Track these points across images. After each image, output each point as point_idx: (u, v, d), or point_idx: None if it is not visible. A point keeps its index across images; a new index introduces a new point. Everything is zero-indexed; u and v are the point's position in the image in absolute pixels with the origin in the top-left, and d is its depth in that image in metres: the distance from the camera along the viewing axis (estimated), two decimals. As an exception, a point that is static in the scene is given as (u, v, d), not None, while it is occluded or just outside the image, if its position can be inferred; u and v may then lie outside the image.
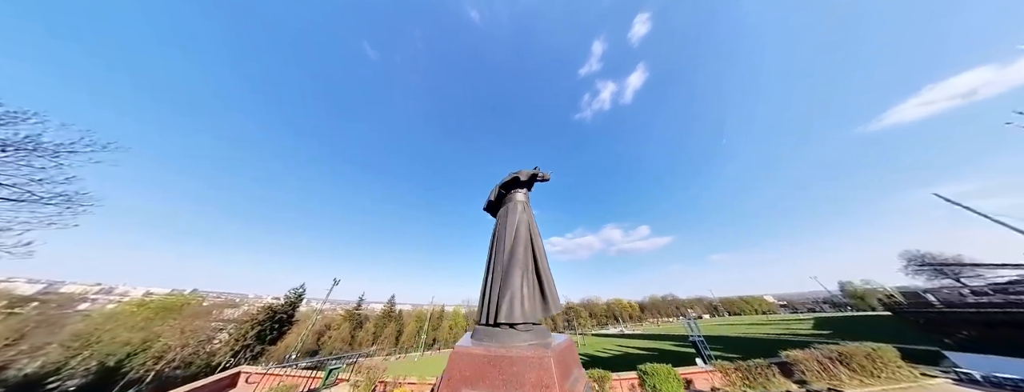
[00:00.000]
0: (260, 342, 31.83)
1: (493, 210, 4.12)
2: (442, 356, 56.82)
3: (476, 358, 2.59)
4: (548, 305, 3.09)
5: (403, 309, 72.93)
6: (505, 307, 2.82)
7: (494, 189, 4.01)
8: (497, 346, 2.66)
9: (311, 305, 75.65)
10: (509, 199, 3.81)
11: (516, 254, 3.14)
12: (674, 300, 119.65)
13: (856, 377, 9.38)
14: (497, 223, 3.74)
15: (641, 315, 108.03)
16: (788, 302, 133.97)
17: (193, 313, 29.77)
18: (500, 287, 3.01)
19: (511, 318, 2.78)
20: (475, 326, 3.09)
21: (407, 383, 12.00)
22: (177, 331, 26.89)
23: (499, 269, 3.17)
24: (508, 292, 2.90)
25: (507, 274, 3.03)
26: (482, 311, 3.10)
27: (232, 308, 37.38)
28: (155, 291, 66.77)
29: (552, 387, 2.28)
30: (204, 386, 10.28)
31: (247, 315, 34.45)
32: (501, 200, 3.96)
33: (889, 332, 23.94)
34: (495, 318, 2.85)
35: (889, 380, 9.24)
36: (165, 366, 25.93)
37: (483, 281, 3.36)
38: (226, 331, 32.43)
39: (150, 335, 25.30)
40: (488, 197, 4.07)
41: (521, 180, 3.78)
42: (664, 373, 9.68)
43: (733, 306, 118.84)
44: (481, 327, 2.98)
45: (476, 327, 3.05)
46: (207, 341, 30.46)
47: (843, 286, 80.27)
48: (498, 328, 2.84)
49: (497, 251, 3.35)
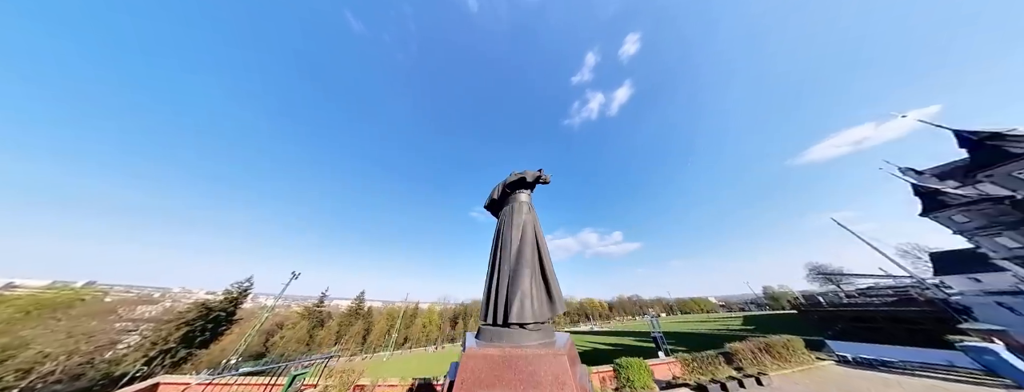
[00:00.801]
0: (187, 345, 25.74)
1: (494, 208, 4.12)
2: (414, 356, 53.62)
3: (491, 360, 2.56)
4: (554, 305, 3.08)
5: (373, 306, 67.86)
6: (516, 307, 2.83)
7: (497, 187, 4.07)
8: (511, 346, 2.66)
9: (260, 301, 66.41)
10: (513, 199, 3.80)
11: (524, 254, 3.18)
12: (639, 300, 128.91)
13: (776, 362, 12.01)
14: (501, 222, 3.73)
15: (610, 313, 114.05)
16: (726, 303, 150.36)
17: (88, 312, 23.07)
18: (509, 287, 3.01)
19: (522, 318, 2.80)
20: (482, 326, 3.06)
21: (386, 385, 10.83)
22: (61, 335, 20.38)
23: (506, 269, 3.17)
24: (519, 292, 2.90)
25: (516, 274, 3.05)
26: (489, 311, 3.05)
27: (149, 305, 30.32)
28: (25, 283, 52.25)
29: (568, 383, 2.37)
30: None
31: (172, 313, 27.93)
32: (504, 199, 3.96)
33: (795, 326, 28.59)
34: (506, 318, 2.86)
35: (797, 364, 12.06)
36: (38, 381, 19.43)
37: (489, 281, 3.31)
38: (139, 333, 25.83)
39: (14, 341, 18.68)
40: (491, 195, 4.11)
41: (527, 181, 3.81)
42: (636, 366, 10.76)
43: (685, 306, 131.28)
44: (489, 327, 2.96)
45: (483, 327, 3.02)
46: (108, 346, 23.81)
47: (765, 290, 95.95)
48: (508, 328, 2.85)
49: (503, 251, 3.35)
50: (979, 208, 23.53)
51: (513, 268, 3.08)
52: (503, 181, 3.97)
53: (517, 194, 3.81)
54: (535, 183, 3.86)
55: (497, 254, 3.38)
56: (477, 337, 2.97)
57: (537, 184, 3.90)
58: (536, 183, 3.86)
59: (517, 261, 3.11)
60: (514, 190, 3.86)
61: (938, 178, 27.31)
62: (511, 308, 2.81)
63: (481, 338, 2.91)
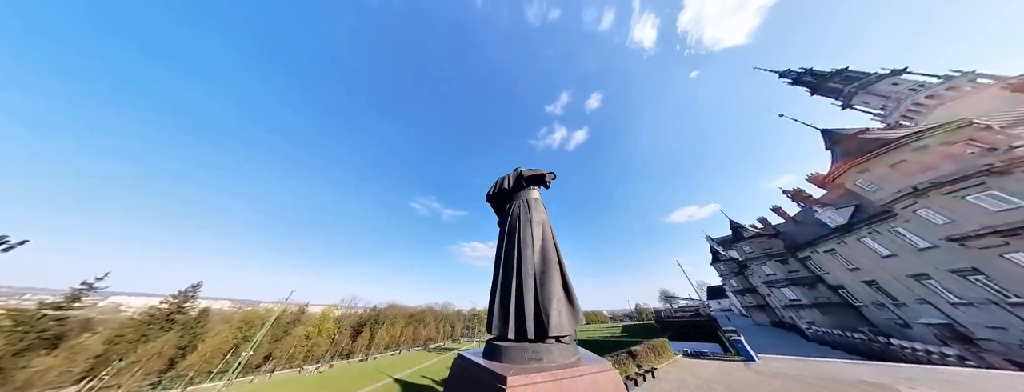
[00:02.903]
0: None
1: (497, 202, 3.70)
2: (274, 383, 38.39)
3: (544, 387, 1.98)
4: (577, 313, 2.63)
5: (217, 307, 47.56)
6: (554, 318, 2.41)
7: (507, 178, 3.58)
8: (559, 368, 2.15)
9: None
10: (527, 195, 3.37)
11: (549, 255, 2.80)
12: None
13: (657, 359, 17.24)
14: (515, 219, 3.13)
15: None
16: (614, 315, 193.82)
17: None
18: (541, 294, 2.54)
19: (561, 330, 2.39)
20: (500, 345, 2.41)
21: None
22: None
23: (531, 271, 2.67)
24: (553, 300, 2.50)
25: (546, 278, 2.63)
26: (510, 324, 2.47)
27: None
28: None
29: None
30: None
31: None
32: (513, 195, 3.44)
33: (654, 332, 39.31)
34: (544, 332, 2.38)
35: (667, 359, 17.79)
36: None
37: (505, 286, 2.69)
38: None
39: None
40: (498, 185, 3.63)
41: (546, 180, 3.47)
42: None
43: (590, 318, 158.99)
44: (516, 344, 2.38)
45: (506, 346, 2.38)
46: None
47: (636, 306, 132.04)
48: (545, 344, 2.36)
49: (522, 250, 2.80)
50: (727, 263, 44.89)
51: (540, 271, 2.67)
52: (514, 173, 3.57)
53: (530, 190, 3.45)
54: (548, 184, 3.57)
55: (515, 254, 2.81)
56: (490, 356, 2.41)
57: (544, 186, 3.61)
58: (547, 184, 3.57)
59: (544, 263, 2.73)
60: (528, 185, 3.47)
61: (718, 243, 47.82)
62: (549, 319, 2.38)
63: (505, 358, 2.31)
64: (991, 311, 15.66)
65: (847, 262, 25.39)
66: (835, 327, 26.47)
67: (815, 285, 30.37)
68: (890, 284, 21.77)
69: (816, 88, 40.88)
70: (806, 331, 28.89)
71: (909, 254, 19.16)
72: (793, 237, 33.09)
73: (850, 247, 24.30)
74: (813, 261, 30.18)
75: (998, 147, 15.12)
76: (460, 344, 71.90)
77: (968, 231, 14.98)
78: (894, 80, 34.05)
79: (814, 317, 29.14)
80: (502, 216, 3.46)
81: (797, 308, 31.07)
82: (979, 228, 14.62)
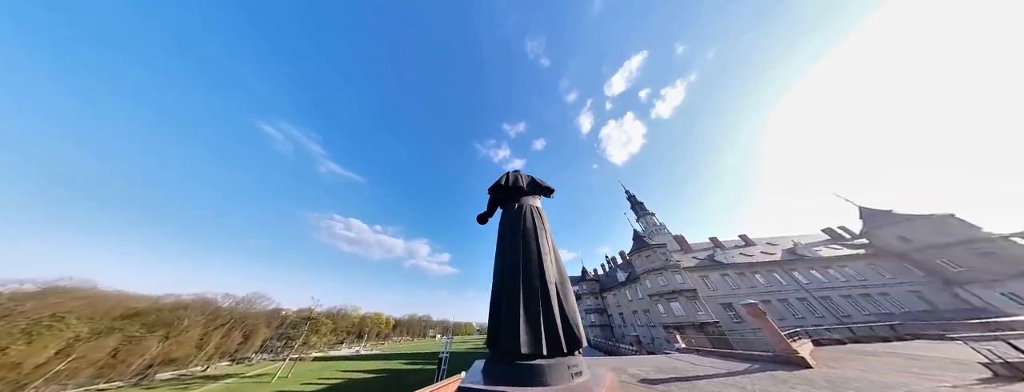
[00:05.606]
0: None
1: (498, 197, 3.39)
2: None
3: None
4: (580, 326, 2.42)
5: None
6: (577, 330, 2.22)
7: (519, 177, 3.36)
8: (583, 387, 1.89)
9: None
10: (534, 203, 3.16)
11: (562, 268, 2.62)
12: (428, 321, 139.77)
13: None
14: (527, 224, 2.84)
15: (390, 333, 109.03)
16: (481, 327, 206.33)
17: None
18: (564, 305, 2.31)
19: (582, 343, 2.23)
20: (547, 361, 2.03)
21: None
22: None
23: (553, 282, 2.39)
24: (577, 311, 2.36)
25: (566, 290, 2.45)
26: (537, 338, 2.11)
27: None
28: None
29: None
30: None
31: None
32: (516, 199, 3.18)
33: None
34: (577, 343, 2.18)
35: None
36: None
37: (531, 299, 2.29)
38: None
39: None
40: (504, 181, 3.32)
41: (550, 189, 3.40)
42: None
43: (458, 329, 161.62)
44: (556, 361, 2.04)
45: (553, 361, 2.03)
46: None
47: None
48: (576, 356, 2.18)
49: (544, 262, 2.51)
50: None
51: (559, 281, 2.46)
52: (525, 176, 3.40)
53: (536, 198, 3.26)
54: (551, 195, 3.44)
55: (536, 265, 2.48)
56: (526, 378, 1.96)
57: (548, 196, 3.46)
58: (550, 195, 3.44)
59: (560, 273, 2.53)
60: (532, 192, 3.27)
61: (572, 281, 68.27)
62: (578, 329, 2.22)
63: (552, 377, 1.93)
64: (651, 328, 35.19)
65: (617, 301, 45.79)
66: (600, 337, 45.91)
67: (603, 312, 50.97)
68: (626, 314, 41.87)
69: (633, 205, 70.18)
70: (591, 340, 48.02)
71: (638, 298, 38.89)
72: (604, 283, 54.33)
73: (622, 293, 44.56)
74: (606, 299, 50.96)
75: (673, 256, 35.85)
76: (252, 368, 49.21)
77: (653, 292, 34.17)
78: (653, 218, 64.29)
79: (596, 332, 48.74)
80: (505, 216, 3.07)
81: (591, 326, 50.72)
82: (653, 292, 33.88)
